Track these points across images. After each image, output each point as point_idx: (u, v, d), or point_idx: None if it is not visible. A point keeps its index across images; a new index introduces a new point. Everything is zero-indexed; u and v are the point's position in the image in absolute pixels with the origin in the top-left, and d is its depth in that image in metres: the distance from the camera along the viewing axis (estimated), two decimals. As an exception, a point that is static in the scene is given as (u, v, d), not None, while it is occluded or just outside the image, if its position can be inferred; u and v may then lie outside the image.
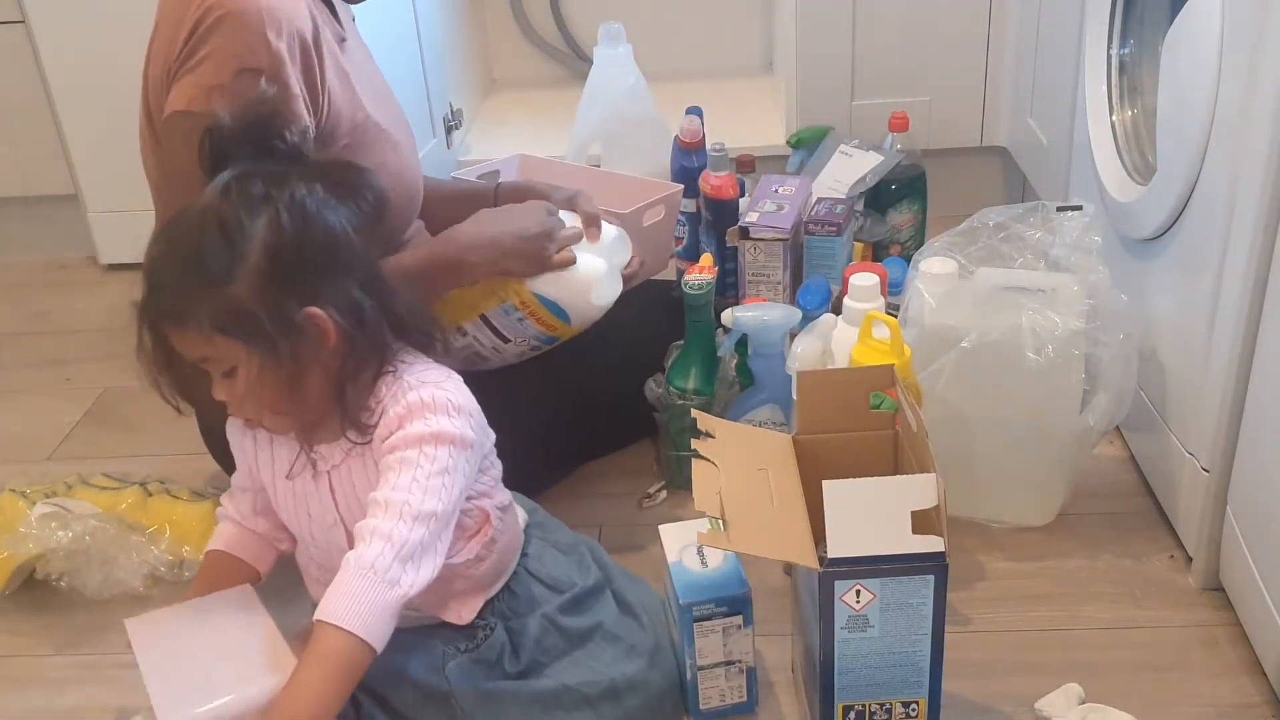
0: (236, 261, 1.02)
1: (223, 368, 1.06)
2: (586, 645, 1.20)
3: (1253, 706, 1.21)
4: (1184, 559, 1.39)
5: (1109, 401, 1.36)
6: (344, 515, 1.14)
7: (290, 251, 1.03)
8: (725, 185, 1.82)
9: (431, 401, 1.07)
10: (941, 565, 1.02)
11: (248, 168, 1.06)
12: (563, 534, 1.31)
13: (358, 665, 1.01)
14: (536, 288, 1.37)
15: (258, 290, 1.02)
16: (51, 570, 1.41)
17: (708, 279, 1.51)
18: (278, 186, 1.04)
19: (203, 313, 1.02)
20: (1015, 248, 1.43)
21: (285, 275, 1.03)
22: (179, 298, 1.03)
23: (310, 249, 1.04)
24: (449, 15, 2.34)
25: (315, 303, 1.04)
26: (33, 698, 1.33)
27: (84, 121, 2.12)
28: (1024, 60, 2.01)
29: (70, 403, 1.86)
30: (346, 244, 1.07)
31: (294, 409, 1.10)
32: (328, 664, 1.00)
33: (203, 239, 1.03)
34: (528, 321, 1.40)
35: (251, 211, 1.03)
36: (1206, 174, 1.26)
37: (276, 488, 1.18)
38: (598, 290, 1.39)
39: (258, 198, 1.03)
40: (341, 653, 1.00)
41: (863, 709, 1.09)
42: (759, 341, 1.50)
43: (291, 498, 1.17)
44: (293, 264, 1.03)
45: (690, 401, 1.50)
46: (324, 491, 1.14)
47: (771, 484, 1.11)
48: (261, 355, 1.04)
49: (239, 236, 1.02)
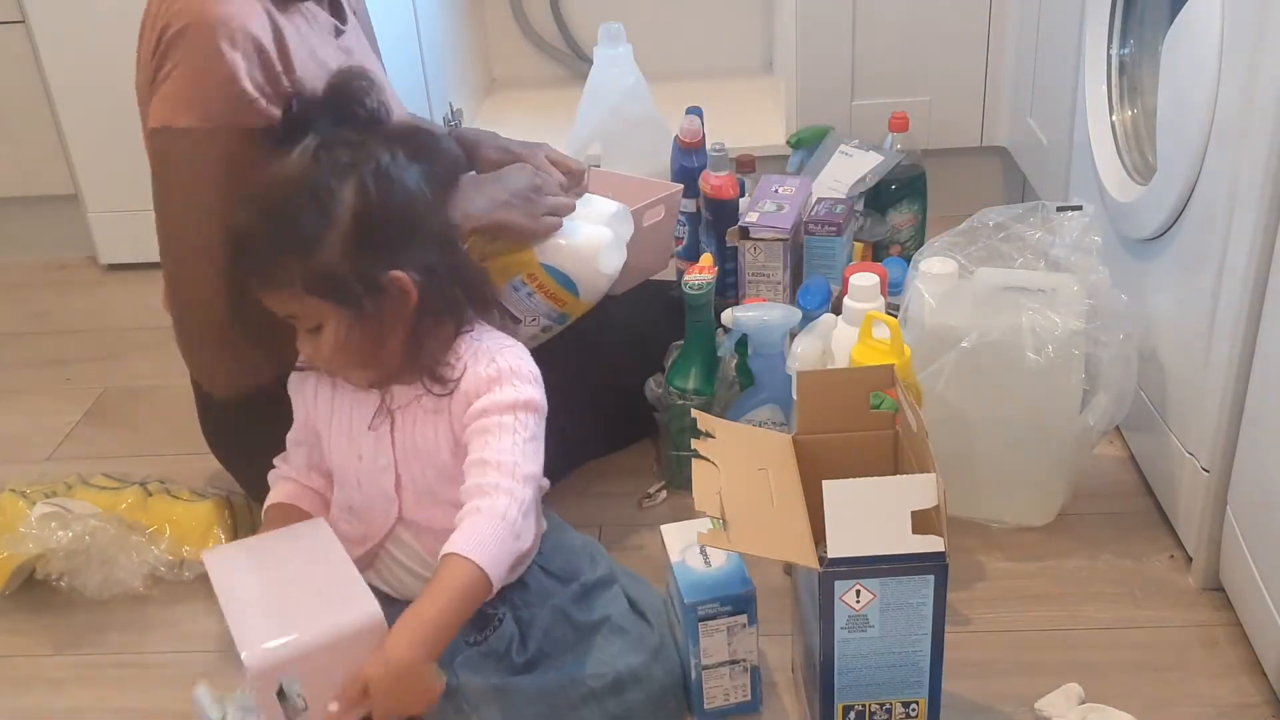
0: (327, 227, 1.08)
1: (310, 324, 1.12)
2: (594, 638, 1.21)
3: (1253, 706, 1.21)
4: (1184, 559, 1.39)
5: (1109, 402, 1.36)
6: (399, 459, 1.19)
7: (377, 217, 1.09)
8: (725, 185, 1.82)
9: (520, 369, 1.16)
10: (941, 565, 1.02)
11: (331, 134, 1.11)
12: (569, 533, 1.33)
13: (479, 599, 1.07)
14: (544, 257, 1.39)
15: (347, 254, 1.08)
16: (51, 570, 1.41)
17: (708, 279, 1.51)
18: (362, 153, 1.10)
19: (295, 275, 1.09)
20: (1015, 248, 1.44)
21: (372, 240, 1.09)
22: (271, 261, 1.09)
23: (395, 214, 1.11)
24: (449, 15, 2.34)
25: (399, 265, 1.11)
26: (33, 698, 1.33)
27: (84, 121, 2.12)
28: (1024, 60, 2.01)
29: (70, 403, 1.86)
30: (426, 208, 1.13)
31: (376, 363, 1.16)
32: (455, 593, 1.05)
33: (294, 205, 1.08)
34: (536, 296, 1.41)
35: (340, 178, 1.09)
36: (1206, 174, 1.26)
37: (333, 430, 1.22)
38: (604, 258, 1.41)
39: (344, 165, 1.09)
40: (469, 585, 1.06)
41: (863, 709, 1.09)
42: (759, 341, 1.50)
43: (346, 439, 1.21)
44: (379, 229, 1.09)
45: (690, 401, 1.50)
46: (383, 434, 1.19)
47: (771, 484, 1.11)
48: (349, 314, 1.10)
49: (330, 202, 1.08)
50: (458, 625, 1.07)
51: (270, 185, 1.11)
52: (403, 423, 1.19)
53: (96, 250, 2.26)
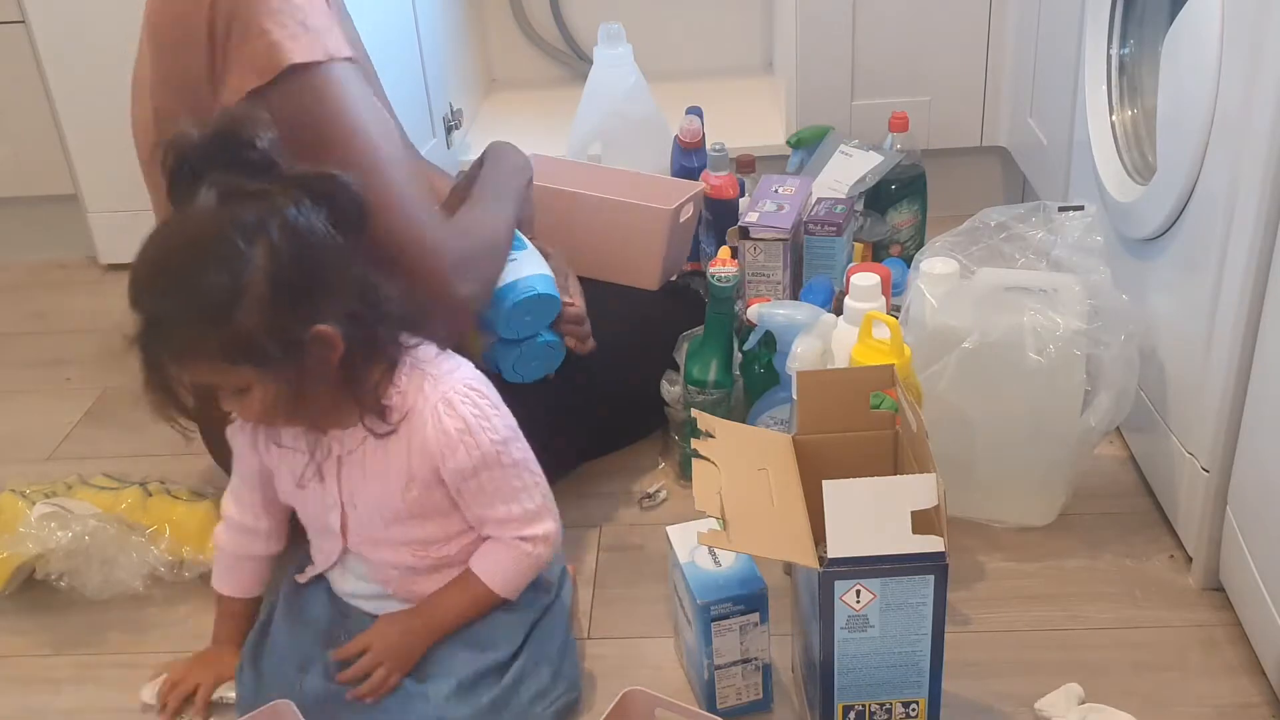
0: (240, 294, 1.02)
1: (233, 389, 1.08)
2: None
3: (1253, 706, 1.21)
4: (1184, 559, 1.39)
5: (1110, 402, 1.36)
6: (344, 500, 1.19)
7: (292, 275, 1.04)
8: (725, 185, 1.82)
9: (483, 409, 1.16)
10: (941, 565, 1.02)
11: (229, 185, 1.04)
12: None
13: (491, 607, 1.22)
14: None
15: (263, 318, 1.03)
16: (51, 570, 1.41)
17: (733, 271, 1.52)
18: (268, 208, 1.04)
19: (211, 347, 1.03)
20: (1016, 248, 1.44)
21: (290, 299, 1.04)
22: (184, 334, 1.04)
23: (310, 268, 1.05)
24: (449, 15, 2.34)
25: (319, 319, 1.06)
26: (33, 698, 1.33)
27: (84, 121, 2.11)
28: (1024, 60, 2.01)
29: (70, 403, 1.86)
30: (339, 254, 1.08)
31: (307, 415, 1.13)
32: (465, 599, 1.21)
33: (203, 273, 1.02)
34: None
35: (248, 238, 1.02)
36: (1206, 174, 1.26)
37: (280, 473, 1.22)
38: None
39: (251, 224, 1.03)
40: (483, 597, 1.21)
41: (863, 709, 1.09)
42: (785, 340, 1.50)
43: (291, 483, 1.21)
44: (296, 286, 1.04)
45: (710, 395, 1.50)
46: (330, 477, 1.18)
47: (771, 484, 1.11)
48: (274, 376, 1.06)
49: (240, 266, 1.02)
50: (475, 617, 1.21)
51: (173, 251, 1.05)
52: (350, 466, 1.18)
53: (96, 250, 2.26)
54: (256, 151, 1.06)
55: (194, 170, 1.05)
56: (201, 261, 1.03)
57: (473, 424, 1.15)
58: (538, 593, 1.26)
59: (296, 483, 1.20)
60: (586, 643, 1.33)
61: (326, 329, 1.06)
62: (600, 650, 1.33)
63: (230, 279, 1.02)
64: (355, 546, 1.23)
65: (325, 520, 1.22)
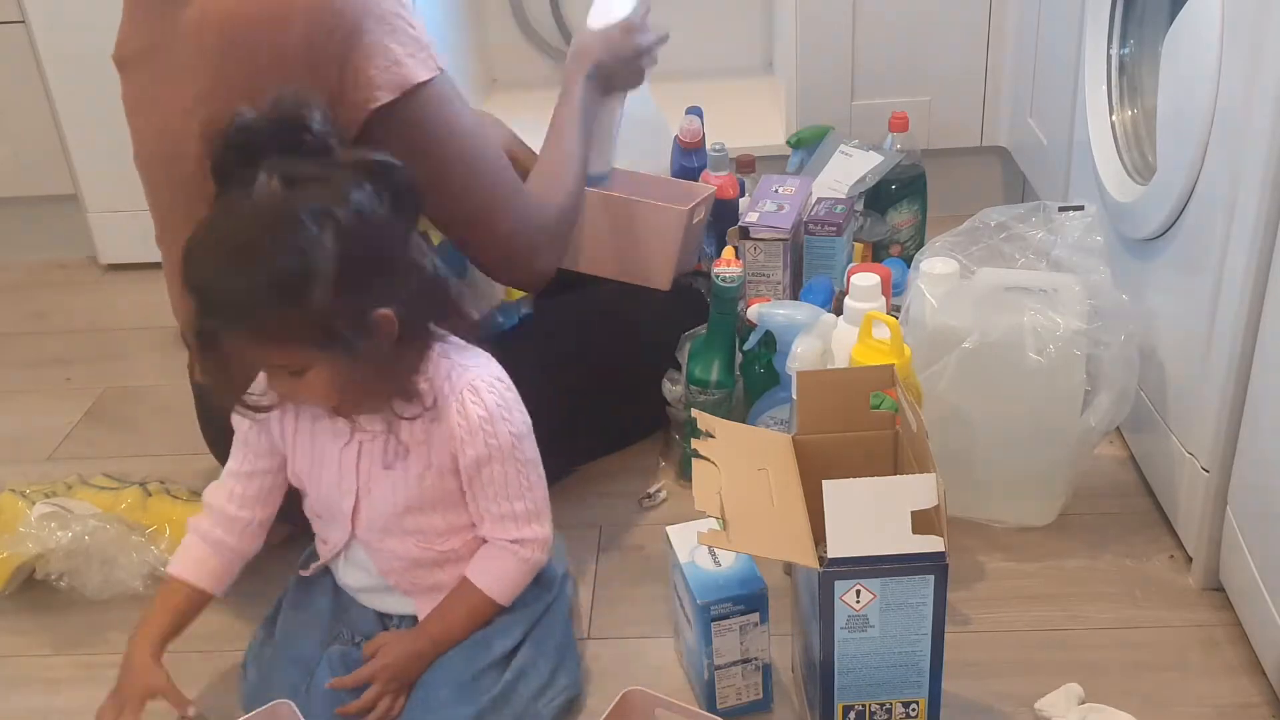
0: (313, 276, 1.02)
1: (293, 369, 1.09)
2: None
3: (1253, 706, 1.21)
4: (1184, 559, 1.39)
5: (1110, 402, 1.36)
6: (360, 485, 1.20)
7: (359, 258, 1.05)
8: (725, 185, 1.82)
9: (507, 400, 1.18)
10: (941, 565, 1.02)
11: (291, 169, 1.05)
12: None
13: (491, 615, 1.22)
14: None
15: (335, 300, 1.03)
16: (51, 570, 1.41)
17: (738, 271, 1.52)
18: (333, 193, 1.04)
19: (284, 327, 1.04)
20: (1017, 248, 1.44)
21: (358, 283, 1.05)
22: (251, 314, 1.04)
23: (375, 252, 1.07)
24: (449, 15, 2.34)
25: (384, 302, 1.08)
26: (33, 698, 1.33)
27: (84, 121, 2.12)
28: (1024, 60, 2.01)
29: (70, 403, 1.86)
30: (402, 240, 1.10)
31: (359, 397, 1.14)
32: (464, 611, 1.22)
33: (276, 255, 1.03)
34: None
35: (318, 222, 1.03)
36: (1206, 174, 1.26)
37: (297, 453, 1.22)
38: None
39: (319, 208, 1.03)
40: (481, 606, 1.22)
41: (863, 709, 1.09)
42: (785, 340, 1.50)
43: (309, 463, 1.22)
44: (363, 270, 1.06)
45: (712, 396, 1.50)
46: (349, 460, 1.19)
47: (771, 484, 1.11)
48: (340, 358, 1.07)
49: (312, 250, 1.02)
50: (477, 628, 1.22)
51: (240, 231, 1.05)
52: (370, 451, 1.18)
53: (96, 250, 2.26)
54: (313, 135, 1.07)
55: (249, 154, 1.05)
56: (274, 243, 1.03)
57: (495, 413, 1.16)
58: (539, 589, 1.26)
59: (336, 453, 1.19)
60: (586, 643, 1.33)
61: (388, 312, 1.08)
62: (600, 650, 1.33)
63: (303, 261, 1.02)
64: (363, 535, 1.23)
65: (338, 506, 1.21)
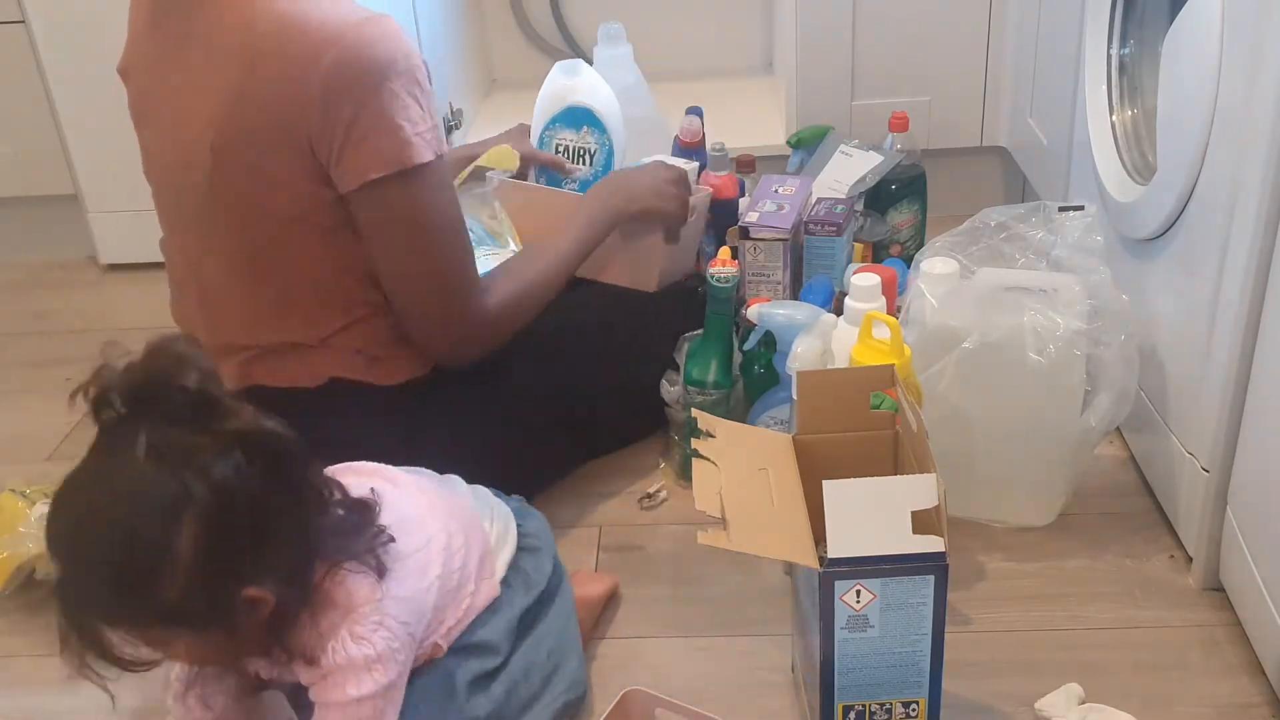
0: (164, 563, 0.96)
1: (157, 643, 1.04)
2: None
3: (1253, 706, 1.21)
4: (1184, 559, 1.39)
5: (1110, 402, 1.36)
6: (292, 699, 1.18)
7: (219, 541, 0.97)
8: (725, 185, 1.82)
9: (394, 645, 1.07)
10: (942, 565, 1.02)
11: (163, 437, 0.97)
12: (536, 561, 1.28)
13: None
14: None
15: (190, 586, 0.97)
16: (51, 570, 1.41)
17: (733, 271, 1.53)
18: (197, 470, 0.96)
19: (138, 616, 0.99)
20: (1017, 248, 1.44)
21: (220, 566, 0.98)
22: (105, 596, 0.99)
23: (239, 532, 0.99)
24: (449, 15, 2.34)
25: (251, 581, 1.00)
26: (33, 698, 1.33)
27: (84, 121, 2.11)
28: (1024, 60, 2.01)
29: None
30: (274, 513, 1.01)
31: (232, 662, 1.11)
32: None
33: (127, 538, 0.97)
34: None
35: (178, 501, 0.96)
36: (1206, 174, 1.26)
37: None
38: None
39: (179, 490, 0.95)
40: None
41: (863, 709, 1.09)
42: (785, 340, 1.50)
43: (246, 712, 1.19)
44: (223, 552, 0.98)
45: (710, 396, 1.50)
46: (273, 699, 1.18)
47: (771, 484, 1.11)
48: (201, 635, 1.02)
49: (166, 536, 0.96)
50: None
51: (98, 509, 0.98)
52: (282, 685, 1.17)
53: (96, 250, 2.26)
54: (186, 394, 0.98)
55: (122, 410, 0.98)
56: (126, 525, 0.96)
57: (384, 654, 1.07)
58: (529, 590, 1.22)
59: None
60: (586, 643, 1.33)
61: (256, 591, 1.00)
62: (600, 650, 1.33)
63: (154, 547, 0.96)
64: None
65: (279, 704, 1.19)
